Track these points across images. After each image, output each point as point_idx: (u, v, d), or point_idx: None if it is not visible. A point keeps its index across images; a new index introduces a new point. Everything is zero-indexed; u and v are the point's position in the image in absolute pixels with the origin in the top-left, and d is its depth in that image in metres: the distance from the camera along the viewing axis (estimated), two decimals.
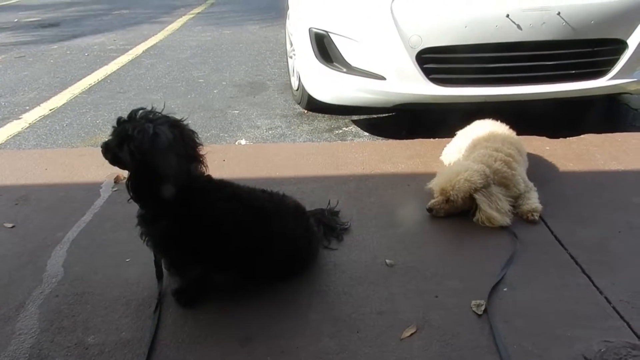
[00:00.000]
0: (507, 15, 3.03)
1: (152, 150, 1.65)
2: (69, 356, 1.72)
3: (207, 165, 1.85)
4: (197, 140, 1.81)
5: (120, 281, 2.09)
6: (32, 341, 1.79)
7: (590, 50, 3.23)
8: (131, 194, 1.78)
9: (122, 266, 2.18)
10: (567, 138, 3.34)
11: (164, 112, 1.78)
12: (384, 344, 1.73)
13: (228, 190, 1.93)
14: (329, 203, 2.48)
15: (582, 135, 3.38)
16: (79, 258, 2.25)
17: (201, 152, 1.82)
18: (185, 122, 1.81)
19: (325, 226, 2.33)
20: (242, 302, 1.95)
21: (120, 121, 1.73)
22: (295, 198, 2.16)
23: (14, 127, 4.12)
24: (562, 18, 3.05)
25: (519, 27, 3.06)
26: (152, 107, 1.77)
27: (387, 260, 2.17)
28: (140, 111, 1.73)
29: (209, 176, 1.88)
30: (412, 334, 1.77)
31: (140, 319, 1.88)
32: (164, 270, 2.03)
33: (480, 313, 1.85)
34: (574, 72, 3.25)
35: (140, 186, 1.75)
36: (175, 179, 1.71)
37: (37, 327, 1.86)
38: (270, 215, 1.96)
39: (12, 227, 2.51)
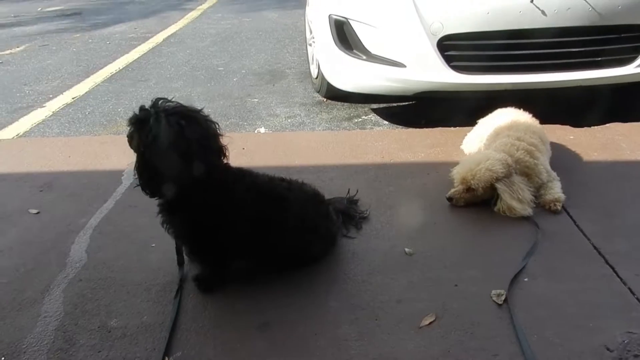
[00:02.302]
0: (531, 1, 2.96)
1: (170, 144, 1.66)
2: (92, 338, 1.76)
3: (227, 155, 1.85)
4: (218, 131, 1.81)
5: (142, 267, 2.12)
6: (56, 323, 1.84)
7: (617, 37, 3.15)
8: (141, 182, 1.78)
9: (144, 252, 2.21)
10: (592, 127, 3.28)
11: (186, 103, 1.78)
12: (403, 332, 1.73)
13: (247, 179, 1.93)
14: (348, 192, 2.47)
15: (607, 124, 3.31)
16: (102, 244, 2.29)
17: (221, 143, 1.82)
18: (204, 112, 1.81)
19: (344, 215, 2.33)
20: (261, 288, 1.96)
21: (140, 110, 1.74)
22: (314, 186, 2.16)
23: (38, 115, 4.19)
24: (588, 3, 2.98)
25: (543, 12, 3.00)
26: (173, 97, 1.77)
27: (406, 249, 2.16)
28: (161, 101, 1.73)
29: (227, 165, 1.88)
30: (430, 323, 1.76)
31: (161, 304, 1.91)
32: (185, 257, 2.06)
33: (500, 303, 1.84)
34: (599, 59, 3.17)
35: (153, 177, 1.75)
36: (192, 171, 1.71)
37: (61, 310, 1.90)
38: (289, 204, 1.96)
39: (37, 213, 2.56)
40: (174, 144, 1.67)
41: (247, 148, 3.15)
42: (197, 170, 1.71)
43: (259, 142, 3.32)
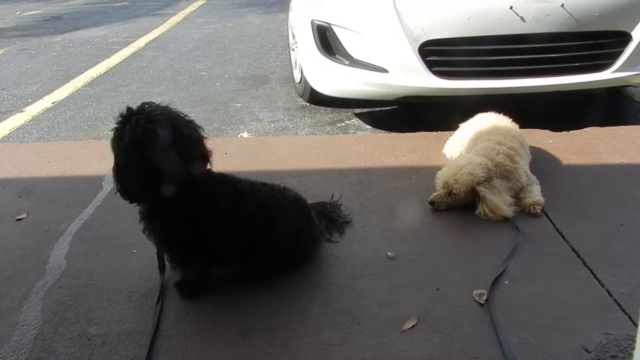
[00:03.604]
0: (511, 7, 3.01)
1: (153, 149, 1.65)
2: (71, 347, 1.74)
3: (211, 163, 1.83)
4: (202, 136, 1.80)
5: (122, 273, 2.10)
6: (35, 332, 1.81)
7: (594, 43, 3.21)
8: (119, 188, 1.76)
9: (124, 258, 2.19)
10: (570, 131, 3.33)
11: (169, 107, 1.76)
12: (385, 336, 1.74)
13: (229, 185, 1.92)
14: (332, 196, 2.48)
15: (585, 129, 3.36)
16: (82, 250, 2.26)
17: (205, 149, 1.81)
18: (189, 118, 1.80)
19: (327, 219, 2.34)
20: (244, 294, 1.95)
21: (125, 114, 1.72)
22: (296, 191, 2.16)
23: (17, 120, 4.13)
24: (566, 10, 3.03)
25: (522, 19, 3.04)
26: (159, 102, 1.75)
27: (388, 253, 2.17)
28: (147, 106, 1.71)
29: (209, 171, 1.86)
30: (413, 326, 1.77)
31: (142, 311, 1.89)
32: (167, 262, 2.04)
33: (482, 302, 1.85)
34: (577, 64, 3.23)
35: (136, 183, 1.73)
36: (176, 177, 1.70)
37: (40, 318, 1.87)
38: (272, 210, 1.96)
39: (16, 219, 2.51)
40: (156, 151, 1.65)
41: (230, 153, 3.14)
42: (179, 177, 1.70)
43: (242, 147, 3.31)
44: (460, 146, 2.86)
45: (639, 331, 0.87)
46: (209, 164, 1.83)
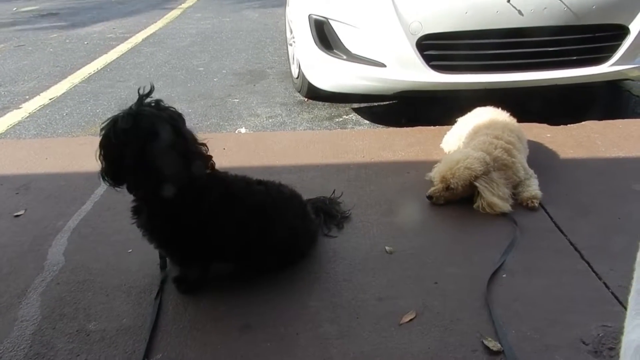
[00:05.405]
0: (508, 1, 3.01)
1: (150, 147, 1.64)
2: (70, 342, 1.74)
3: (207, 164, 1.81)
4: (197, 138, 1.79)
5: (120, 269, 2.10)
6: (34, 328, 1.81)
7: (591, 36, 3.21)
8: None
9: (123, 254, 2.19)
10: (568, 125, 3.33)
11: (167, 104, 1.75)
12: (383, 330, 1.74)
13: (223, 187, 1.88)
14: (333, 192, 2.47)
15: (582, 122, 3.36)
16: (80, 246, 2.26)
17: (202, 150, 1.79)
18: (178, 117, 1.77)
19: (326, 214, 2.33)
20: (242, 289, 1.96)
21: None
22: (294, 186, 2.16)
23: (14, 116, 4.12)
24: (564, 3, 3.03)
25: (520, 12, 3.04)
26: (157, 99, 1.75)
27: (386, 247, 2.17)
28: (146, 102, 1.71)
29: (205, 172, 1.82)
30: (411, 320, 1.78)
31: (141, 306, 1.89)
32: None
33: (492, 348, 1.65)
34: (575, 58, 3.23)
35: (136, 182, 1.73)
36: (173, 177, 1.69)
37: (39, 314, 1.87)
38: (267, 209, 1.94)
39: (13, 215, 2.51)
40: (156, 150, 1.65)
41: (228, 148, 3.14)
42: (177, 177, 1.69)
43: (240, 142, 3.30)
44: (458, 140, 2.86)
45: (628, 314, 0.87)
46: (205, 166, 1.81)
